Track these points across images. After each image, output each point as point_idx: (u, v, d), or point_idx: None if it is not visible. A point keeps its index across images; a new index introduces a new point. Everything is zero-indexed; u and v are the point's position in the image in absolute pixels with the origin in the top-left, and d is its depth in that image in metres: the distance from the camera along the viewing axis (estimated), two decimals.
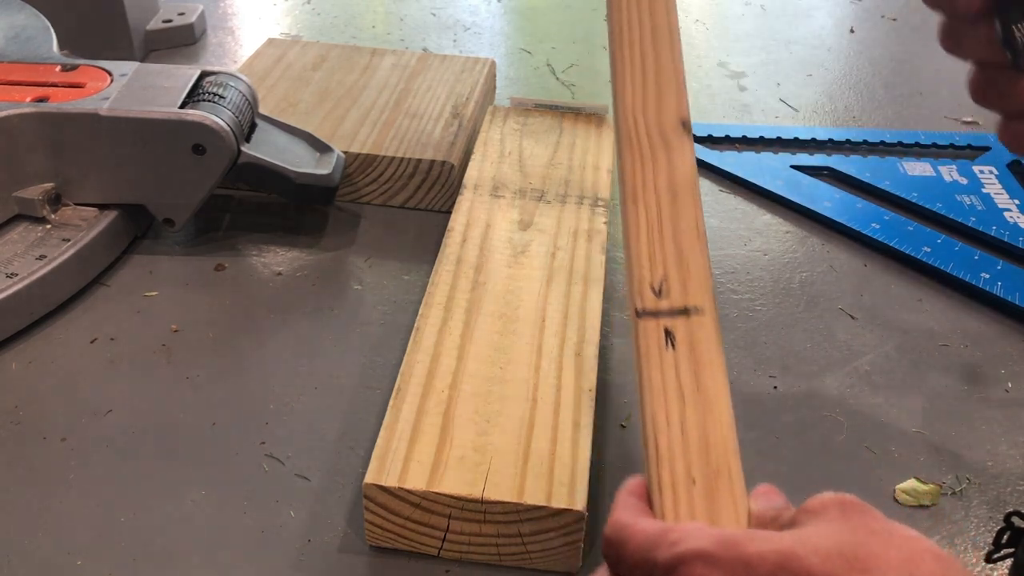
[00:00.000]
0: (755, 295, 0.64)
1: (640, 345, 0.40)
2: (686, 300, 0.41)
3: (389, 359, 0.57)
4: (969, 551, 0.47)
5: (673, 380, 0.39)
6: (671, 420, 0.38)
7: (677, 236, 0.42)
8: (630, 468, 0.51)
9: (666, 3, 0.49)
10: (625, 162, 0.44)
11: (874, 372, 0.58)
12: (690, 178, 0.43)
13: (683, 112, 0.45)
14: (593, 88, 0.92)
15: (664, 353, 0.40)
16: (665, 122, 0.45)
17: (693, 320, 0.40)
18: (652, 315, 0.40)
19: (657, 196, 0.43)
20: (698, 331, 0.40)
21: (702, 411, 0.38)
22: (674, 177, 0.43)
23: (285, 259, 0.66)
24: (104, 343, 0.58)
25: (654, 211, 0.43)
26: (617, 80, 0.47)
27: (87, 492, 0.48)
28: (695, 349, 0.39)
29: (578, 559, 0.45)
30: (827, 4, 1.15)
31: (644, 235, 0.42)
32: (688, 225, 0.42)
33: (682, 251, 0.42)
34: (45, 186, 0.62)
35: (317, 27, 1.03)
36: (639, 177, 0.44)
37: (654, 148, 0.44)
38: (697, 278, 0.41)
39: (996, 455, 0.53)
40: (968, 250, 0.69)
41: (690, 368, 0.39)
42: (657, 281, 0.41)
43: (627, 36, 0.49)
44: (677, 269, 0.41)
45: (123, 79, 0.65)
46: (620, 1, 0.49)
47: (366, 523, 0.45)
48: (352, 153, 0.70)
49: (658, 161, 0.44)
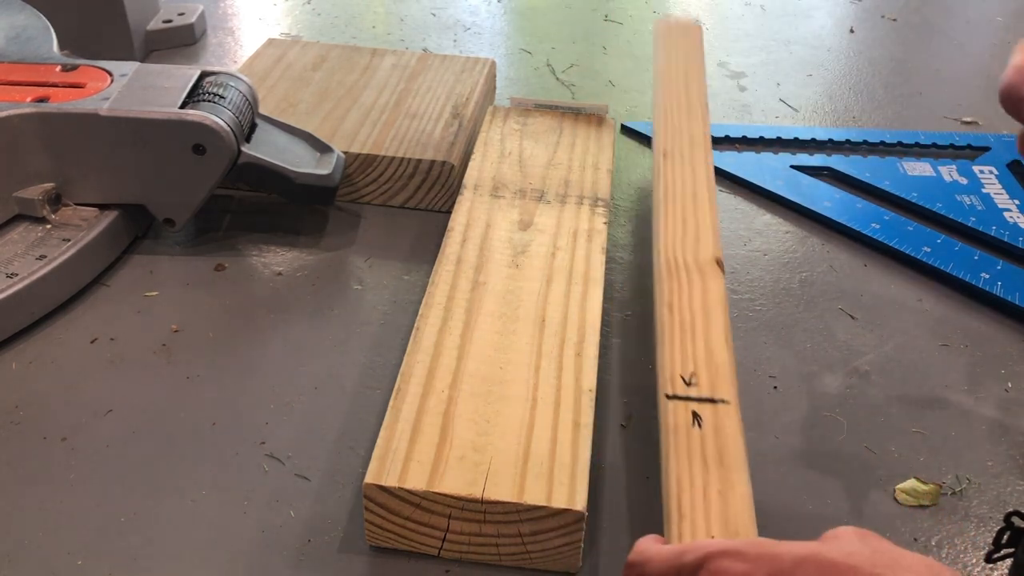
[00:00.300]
0: (755, 295, 0.64)
1: (669, 421, 0.45)
2: (713, 393, 0.46)
3: (389, 359, 0.57)
4: (969, 551, 0.47)
5: (698, 451, 0.43)
6: (695, 483, 0.42)
7: (708, 341, 0.49)
8: (630, 468, 0.51)
9: (707, 172, 0.61)
10: (663, 283, 0.53)
11: (874, 372, 0.58)
12: (721, 298, 0.51)
13: (718, 253, 0.54)
14: (593, 88, 0.92)
15: (691, 429, 0.44)
16: (702, 259, 0.54)
17: (719, 408, 0.45)
18: (682, 399, 0.46)
19: (692, 310, 0.51)
20: (724, 418, 0.45)
21: (724, 482, 0.42)
22: (707, 297, 0.52)
23: (285, 259, 0.66)
24: (104, 343, 0.58)
25: (688, 320, 0.50)
26: (661, 223, 0.57)
27: (87, 492, 0.48)
28: (720, 431, 0.44)
29: (578, 559, 0.45)
30: (827, 4, 1.15)
31: (678, 339, 0.49)
32: (718, 333, 0.49)
33: (712, 352, 0.48)
34: (45, 186, 0.62)
35: (317, 27, 1.03)
36: (675, 295, 0.52)
37: (691, 276, 0.53)
38: (723, 376, 0.47)
39: (996, 455, 0.53)
40: (968, 250, 0.69)
41: (715, 445, 0.43)
42: (688, 374, 0.47)
43: (671, 194, 0.60)
44: (707, 367, 0.47)
45: (123, 79, 0.65)
46: (666, 170, 0.61)
47: (366, 523, 0.45)
48: (352, 153, 0.70)
49: (694, 285, 0.52)
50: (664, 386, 0.46)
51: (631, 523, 0.48)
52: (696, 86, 0.70)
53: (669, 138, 0.64)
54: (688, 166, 0.61)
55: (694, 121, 0.66)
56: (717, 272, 0.53)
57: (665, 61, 0.72)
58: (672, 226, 0.56)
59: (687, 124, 0.65)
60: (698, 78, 0.71)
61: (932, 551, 0.47)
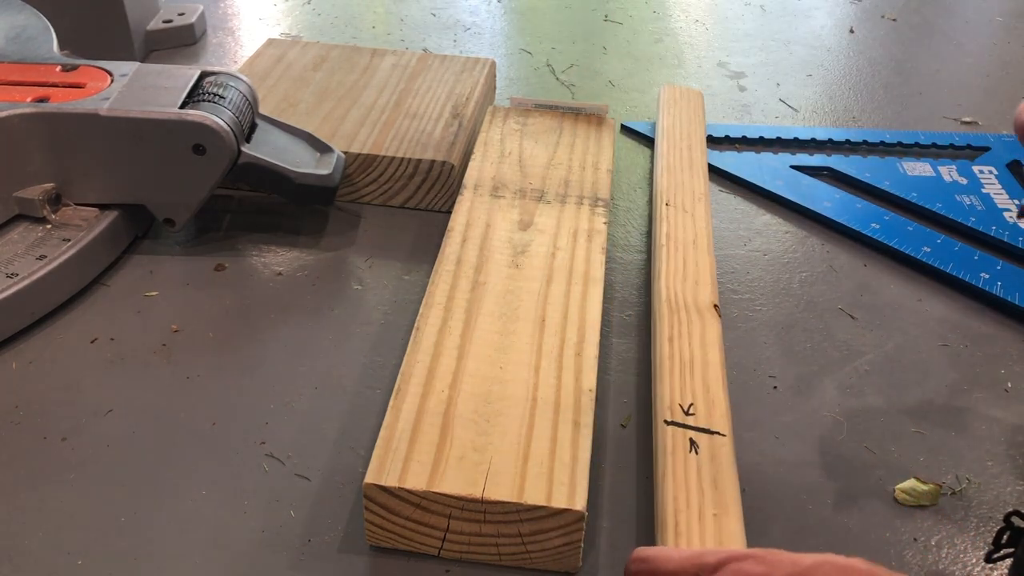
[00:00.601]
0: (755, 295, 0.64)
1: (667, 444, 0.47)
2: (710, 424, 0.48)
3: (389, 359, 0.57)
4: (969, 551, 0.47)
5: (695, 476, 0.45)
6: (690, 505, 0.43)
7: (706, 379, 0.51)
8: (630, 468, 0.51)
9: (707, 225, 0.64)
10: (664, 318, 0.56)
11: (874, 372, 0.58)
12: (717, 341, 0.54)
13: (714, 298, 0.58)
14: (593, 88, 0.92)
15: (688, 455, 0.46)
16: (701, 303, 0.58)
17: (716, 438, 0.47)
18: (680, 426, 0.47)
19: (691, 346, 0.53)
20: (719, 448, 0.47)
21: (718, 506, 0.43)
22: (705, 339, 0.54)
23: (285, 259, 0.66)
24: (104, 343, 0.58)
25: (687, 355, 0.53)
26: (663, 262, 0.61)
27: (87, 492, 0.48)
28: (715, 459, 0.46)
29: (578, 559, 0.45)
30: (827, 4, 1.15)
31: (677, 370, 0.51)
32: (715, 372, 0.52)
33: (709, 389, 0.50)
34: (45, 186, 0.62)
35: (317, 27, 1.03)
36: (675, 329, 0.55)
37: (690, 315, 0.56)
38: (720, 410, 0.49)
39: (996, 455, 0.53)
40: (968, 250, 0.69)
41: (710, 472, 0.45)
42: (686, 404, 0.49)
43: (673, 237, 0.63)
44: (704, 401, 0.50)
45: (123, 79, 0.65)
46: (669, 216, 0.65)
47: (366, 523, 0.45)
48: (352, 153, 0.70)
49: (693, 324, 0.56)
50: (663, 413, 0.49)
51: (631, 523, 0.48)
52: (699, 147, 0.75)
53: (672, 191, 0.68)
54: (690, 216, 0.65)
55: (696, 179, 0.71)
56: (715, 316, 0.56)
57: (670, 123, 0.79)
58: (674, 266, 0.60)
59: (689, 180, 0.70)
60: (700, 140, 0.77)
61: (932, 551, 0.47)
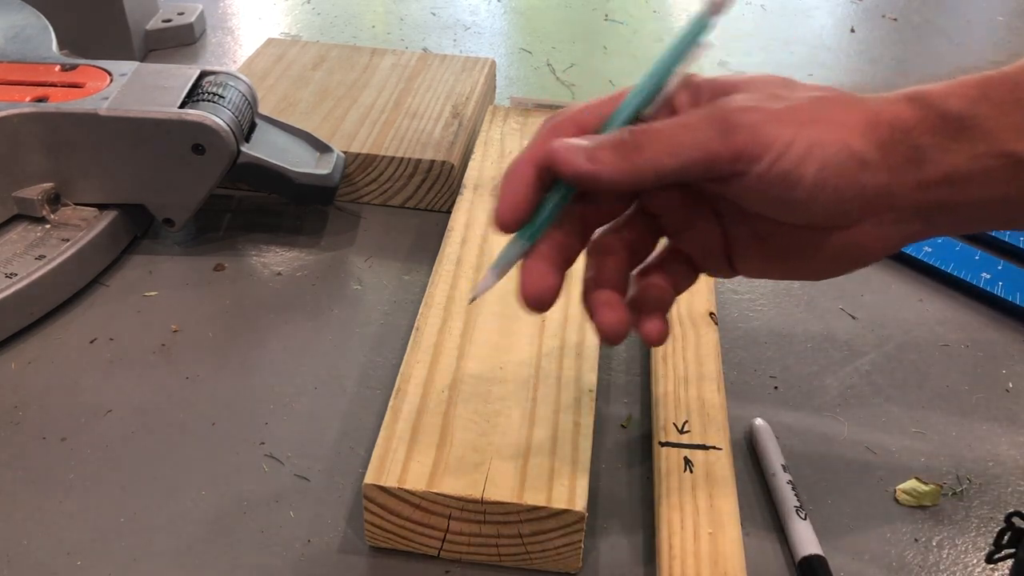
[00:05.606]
0: (755, 295, 0.64)
1: (661, 466, 0.47)
2: (705, 440, 0.48)
3: (389, 359, 0.57)
4: (970, 551, 0.47)
5: (689, 496, 0.45)
6: (685, 526, 0.44)
7: (701, 390, 0.51)
8: (630, 468, 0.51)
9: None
10: None
11: (874, 372, 0.58)
12: (714, 348, 0.55)
13: (711, 306, 0.57)
14: (593, 88, 0.92)
15: (683, 475, 0.46)
16: (696, 313, 0.57)
17: (711, 454, 0.47)
18: (674, 446, 0.48)
19: (685, 360, 0.53)
20: (715, 463, 0.47)
21: (714, 525, 0.44)
22: (700, 349, 0.54)
23: (285, 259, 0.66)
24: (104, 343, 0.58)
25: (682, 369, 0.53)
26: None
27: (87, 492, 0.48)
28: (711, 475, 0.46)
29: (578, 560, 0.45)
30: (827, 4, 1.15)
31: (671, 389, 0.51)
32: (711, 381, 0.52)
33: (704, 401, 0.51)
34: (44, 186, 0.62)
35: (317, 27, 1.03)
36: (670, 347, 0.54)
37: (684, 329, 0.56)
38: (716, 424, 0.49)
39: (996, 455, 0.53)
40: (968, 250, 0.69)
41: (705, 490, 0.46)
42: (681, 422, 0.49)
43: None
44: (699, 416, 0.50)
45: (123, 79, 0.65)
46: None
47: (366, 523, 0.45)
48: (352, 153, 0.70)
49: (688, 338, 0.55)
50: (657, 434, 0.49)
51: (631, 524, 0.48)
52: None
53: None
54: None
55: None
56: (711, 324, 0.56)
57: None
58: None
59: None
60: None
61: (933, 551, 0.47)
